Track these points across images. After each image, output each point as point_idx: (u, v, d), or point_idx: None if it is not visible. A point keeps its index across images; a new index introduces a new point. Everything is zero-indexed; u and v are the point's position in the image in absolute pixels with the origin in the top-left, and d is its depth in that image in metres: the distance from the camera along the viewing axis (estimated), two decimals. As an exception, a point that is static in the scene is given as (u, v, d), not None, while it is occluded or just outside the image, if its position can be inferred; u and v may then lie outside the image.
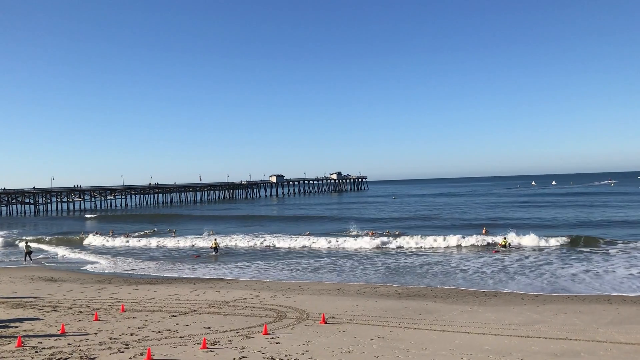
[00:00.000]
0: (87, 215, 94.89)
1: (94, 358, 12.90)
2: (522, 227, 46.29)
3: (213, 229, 56.10)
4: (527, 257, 32.83)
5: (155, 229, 61.41)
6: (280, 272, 30.66)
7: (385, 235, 46.52)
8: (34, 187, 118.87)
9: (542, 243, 37.81)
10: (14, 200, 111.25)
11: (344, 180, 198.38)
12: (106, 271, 33.06)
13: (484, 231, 47.66)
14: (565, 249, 35.64)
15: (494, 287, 24.27)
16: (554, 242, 37.87)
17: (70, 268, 34.75)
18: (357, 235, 48.92)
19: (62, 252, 44.49)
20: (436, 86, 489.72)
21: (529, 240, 38.28)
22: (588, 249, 35.13)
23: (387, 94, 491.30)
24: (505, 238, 38.11)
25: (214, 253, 40.28)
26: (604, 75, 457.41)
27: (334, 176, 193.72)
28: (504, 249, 36.37)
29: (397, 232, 49.72)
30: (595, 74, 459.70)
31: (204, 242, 46.98)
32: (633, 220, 54.74)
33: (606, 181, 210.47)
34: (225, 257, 38.69)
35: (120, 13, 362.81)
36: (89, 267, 34.98)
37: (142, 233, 58.10)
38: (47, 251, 45.74)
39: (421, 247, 39.82)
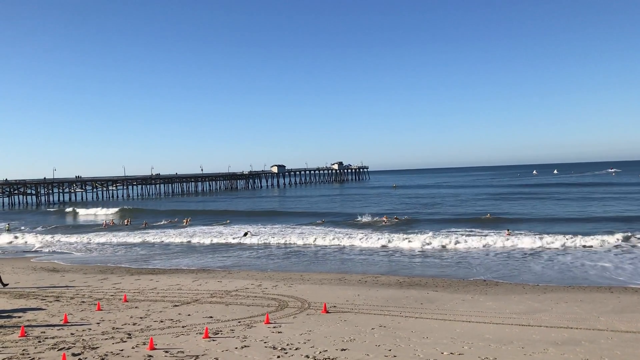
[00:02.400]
0: (50, 209, 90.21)
1: (97, 348, 12.96)
2: (523, 222, 45.75)
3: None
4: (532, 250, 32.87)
5: (176, 219, 61.59)
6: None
7: (395, 223, 48.27)
8: (44, 178, 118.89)
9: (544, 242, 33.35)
10: (16, 191, 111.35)
11: (346, 170, 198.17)
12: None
13: (488, 216, 49.30)
14: (568, 246, 32.38)
15: (496, 277, 24.34)
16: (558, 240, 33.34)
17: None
18: (367, 223, 49.99)
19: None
20: (437, 75, 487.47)
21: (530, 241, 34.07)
22: (592, 245, 32.02)
23: (388, 84, 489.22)
24: (508, 230, 39.06)
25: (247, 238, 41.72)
26: (607, 62, 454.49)
27: (336, 166, 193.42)
28: (510, 236, 36.76)
29: (405, 218, 52.34)
30: (599, 61, 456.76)
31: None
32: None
33: (606, 170, 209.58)
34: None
35: (121, 4, 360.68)
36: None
37: (161, 223, 59.15)
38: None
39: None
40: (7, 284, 23.38)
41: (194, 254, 35.71)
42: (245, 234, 42.58)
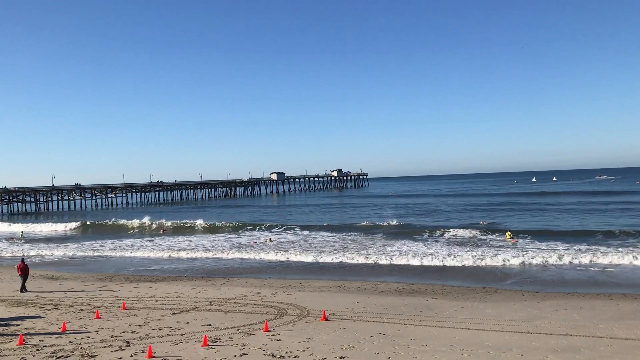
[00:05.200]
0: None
1: (95, 356, 12.93)
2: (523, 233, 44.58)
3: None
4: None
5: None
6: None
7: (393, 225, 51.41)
8: (52, 185, 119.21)
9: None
10: (15, 199, 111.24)
11: (345, 178, 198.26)
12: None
13: (482, 222, 52.23)
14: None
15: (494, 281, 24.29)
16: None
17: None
18: (371, 227, 51.96)
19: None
20: (437, 82, 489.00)
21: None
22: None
23: (387, 91, 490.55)
24: (509, 232, 41.05)
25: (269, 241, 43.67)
26: (608, 67, 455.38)
27: (335, 173, 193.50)
28: (511, 239, 38.80)
29: (401, 222, 54.96)
30: (600, 67, 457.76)
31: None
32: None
33: (596, 177, 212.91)
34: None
35: (120, 10, 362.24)
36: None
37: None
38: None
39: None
40: (26, 290, 24.35)
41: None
42: (270, 240, 44.33)
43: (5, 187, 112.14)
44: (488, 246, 36.11)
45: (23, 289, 24.25)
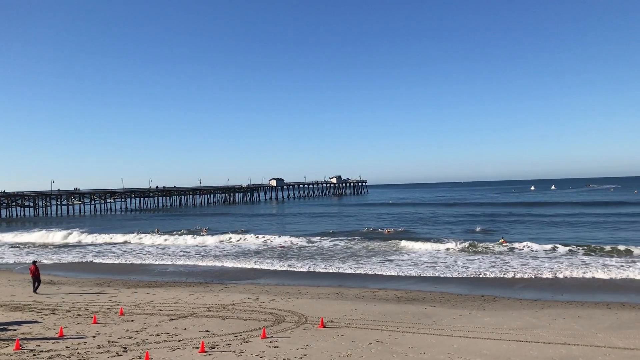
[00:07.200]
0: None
1: (92, 361, 12.89)
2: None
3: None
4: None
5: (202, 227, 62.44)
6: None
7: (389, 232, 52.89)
8: (58, 190, 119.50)
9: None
10: (14, 203, 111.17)
11: (344, 184, 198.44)
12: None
13: (478, 229, 54.26)
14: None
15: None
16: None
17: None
18: (372, 233, 53.18)
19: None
20: (436, 90, 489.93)
21: None
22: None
23: (387, 97, 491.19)
24: (503, 238, 42.69)
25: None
26: (607, 75, 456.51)
27: (334, 180, 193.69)
28: (505, 245, 40.18)
29: (400, 230, 56.20)
30: (599, 74, 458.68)
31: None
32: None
33: (585, 185, 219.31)
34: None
35: (119, 13, 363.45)
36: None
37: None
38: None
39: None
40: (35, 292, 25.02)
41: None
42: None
43: (4, 191, 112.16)
44: (486, 254, 36.12)
45: (35, 289, 25.10)
